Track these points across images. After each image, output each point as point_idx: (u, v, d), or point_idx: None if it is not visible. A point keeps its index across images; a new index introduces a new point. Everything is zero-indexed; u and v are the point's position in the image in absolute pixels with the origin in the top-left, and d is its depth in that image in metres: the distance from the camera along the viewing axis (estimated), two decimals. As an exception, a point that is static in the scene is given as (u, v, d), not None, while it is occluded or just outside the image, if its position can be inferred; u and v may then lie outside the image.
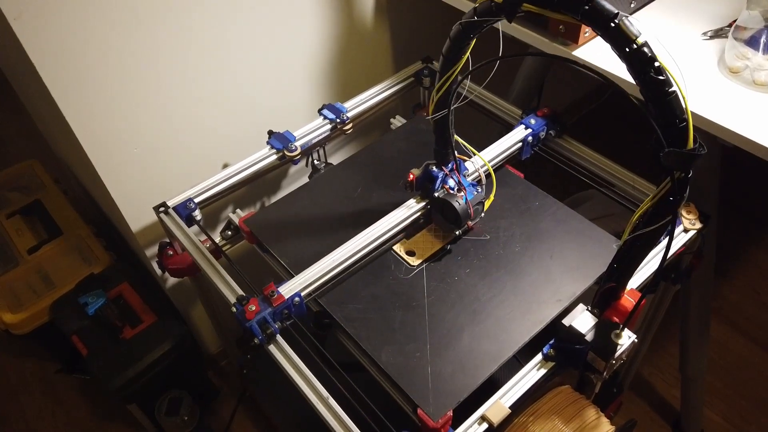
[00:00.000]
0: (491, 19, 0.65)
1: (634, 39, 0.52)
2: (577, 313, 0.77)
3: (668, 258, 0.89)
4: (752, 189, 1.94)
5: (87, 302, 1.29)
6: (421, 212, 0.96)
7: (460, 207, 0.88)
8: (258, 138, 1.16)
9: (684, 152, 0.54)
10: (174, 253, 1.03)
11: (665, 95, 0.53)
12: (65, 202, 1.57)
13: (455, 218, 0.89)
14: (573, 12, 0.55)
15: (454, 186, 0.90)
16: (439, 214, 0.93)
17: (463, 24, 0.69)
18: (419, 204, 0.95)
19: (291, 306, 0.84)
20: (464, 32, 0.70)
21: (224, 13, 1.04)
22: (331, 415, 0.75)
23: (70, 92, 0.94)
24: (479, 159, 0.98)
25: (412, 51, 1.41)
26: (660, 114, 0.54)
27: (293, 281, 0.86)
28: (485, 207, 0.93)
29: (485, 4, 0.64)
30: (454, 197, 0.89)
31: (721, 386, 1.51)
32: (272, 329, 0.81)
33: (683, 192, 0.58)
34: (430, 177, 0.91)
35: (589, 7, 0.54)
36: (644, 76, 0.53)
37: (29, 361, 1.68)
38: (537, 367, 0.78)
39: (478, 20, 0.66)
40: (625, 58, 0.53)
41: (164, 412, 1.34)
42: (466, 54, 0.74)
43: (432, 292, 0.88)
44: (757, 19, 0.82)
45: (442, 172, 0.90)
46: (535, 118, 1.07)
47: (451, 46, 0.73)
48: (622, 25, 0.53)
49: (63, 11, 0.86)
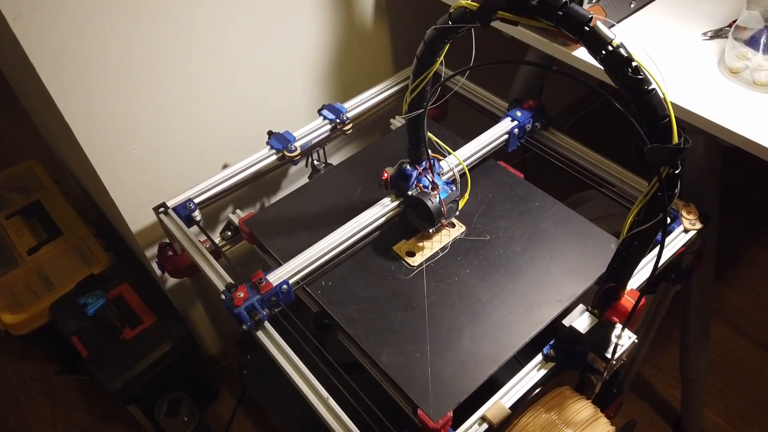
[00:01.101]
0: (465, 26, 0.65)
1: (609, 41, 0.53)
2: (577, 314, 0.77)
3: (669, 258, 0.89)
4: (752, 189, 1.94)
5: (87, 303, 1.29)
6: (395, 211, 0.96)
7: (433, 206, 0.88)
8: (258, 138, 1.15)
9: (667, 147, 0.55)
10: (174, 254, 1.03)
11: (645, 93, 0.53)
12: (65, 202, 1.56)
13: (429, 217, 0.90)
14: (547, 18, 0.56)
15: (428, 185, 0.91)
16: (413, 212, 0.93)
17: (438, 29, 0.69)
18: (393, 202, 0.96)
19: (279, 293, 0.86)
20: (438, 37, 0.70)
21: (224, 13, 1.04)
22: (331, 415, 0.75)
23: (69, 93, 0.94)
24: (454, 158, 0.99)
25: (412, 51, 1.40)
26: (642, 112, 0.54)
27: (281, 269, 0.88)
28: (460, 206, 0.94)
29: (459, 10, 0.64)
30: (427, 196, 0.89)
31: (721, 387, 1.51)
32: (260, 316, 0.83)
33: (674, 188, 0.58)
34: (404, 175, 0.92)
35: (562, 12, 0.54)
36: (622, 77, 0.53)
37: (29, 362, 1.68)
38: (537, 368, 0.77)
39: (452, 26, 0.66)
40: (602, 60, 0.54)
41: (164, 413, 1.34)
42: (440, 58, 0.74)
43: (432, 292, 0.88)
44: (757, 19, 0.82)
45: (416, 170, 0.91)
46: (521, 110, 1.08)
47: (425, 50, 0.73)
48: (596, 28, 0.53)
49: (62, 11, 0.86)
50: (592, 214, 1.10)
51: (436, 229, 0.96)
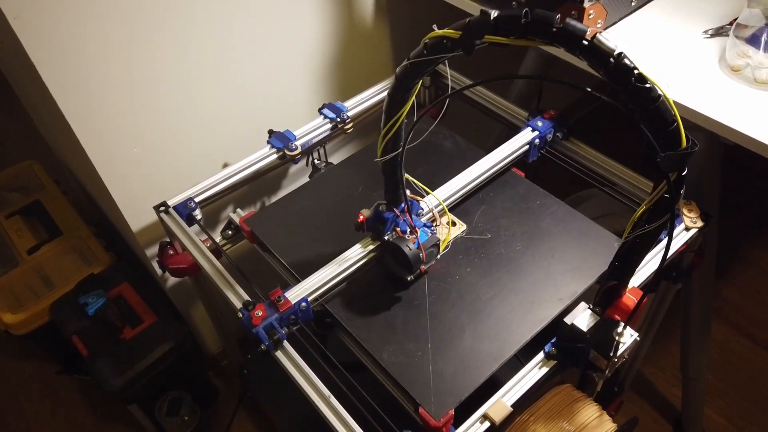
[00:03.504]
0: (446, 56, 0.59)
1: (611, 53, 0.50)
2: (579, 312, 0.77)
3: (669, 257, 0.89)
4: (753, 187, 1.94)
5: (87, 302, 1.29)
6: (372, 255, 0.90)
7: (410, 252, 0.82)
8: (258, 137, 1.15)
9: (679, 153, 0.54)
10: (174, 253, 1.03)
11: (653, 101, 0.51)
12: (65, 202, 1.56)
13: (406, 264, 0.83)
14: (542, 36, 0.52)
15: (406, 228, 0.85)
16: (391, 257, 0.87)
17: (413, 62, 0.62)
18: (369, 246, 0.90)
19: (298, 311, 0.83)
20: (414, 71, 0.62)
21: (225, 12, 1.04)
22: (333, 414, 0.74)
23: (70, 92, 0.94)
24: (433, 198, 0.95)
25: (412, 50, 1.41)
26: (650, 120, 0.52)
27: (300, 286, 0.85)
28: (441, 248, 0.89)
29: (436, 39, 0.58)
30: (404, 242, 0.83)
31: (722, 386, 1.51)
32: (279, 335, 0.80)
33: (680, 190, 0.58)
34: (381, 219, 0.86)
35: (557, 29, 0.50)
36: (628, 87, 0.51)
37: (29, 362, 1.68)
38: (539, 366, 0.77)
39: (429, 58, 0.60)
40: (606, 73, 0.51)
41: (165, 412, 1.34)
42: (413, 95, 0.67)
43: (433, 291, 0.88)
44: (758, 17, 0.82)
45: (393, 213, 0.85)
46: (542, 120, 1.05)
47: (398, 86, 0.66)
48: (596, 41, 0.50)
49: (63, 11, 0.86)
50: (593, 212, 1.10)
51: (436, 230, 0.96)
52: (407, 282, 0.89)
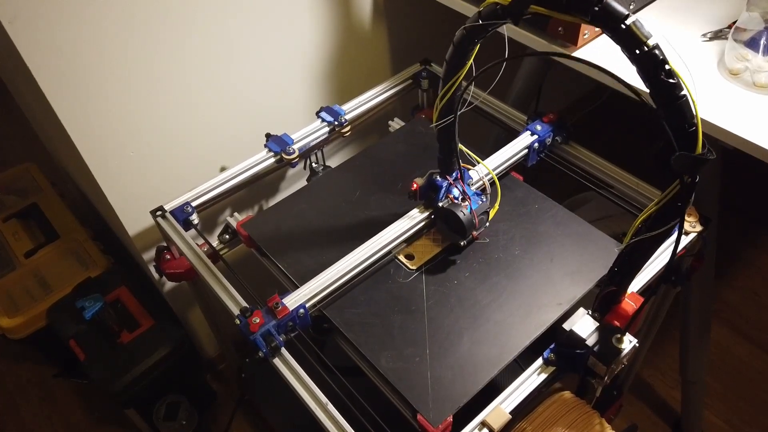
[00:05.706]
0: (497, 23, 0.63)
1: (645, 41, 0.51)
2: (578, 318, 0.76)
3: (670, 260, 0.89)
4: (752, 191, 1.94)
5: (84, 306, 1.28)
6: (425, 222, 0.94)
7: (464, 217, 0.86)
8: (255, 141, 1.15)
9: (695, 156, 0.53)
10: (171, 258, 1.02)
11: (676, 99, 0.51)
12: (62, 205, 1.56)
13: (460, 229, 0.87)
14: (583, 13, 0.53)
15: (459, 195, 0.88)
16: (444, 224, 0.91)
17: (467, 29, 0.66)
18: (423, 214, 0.94)
19: (296, 318, 0.82)
20: (468, 37, 0.67)
21: (221, 15, 1.04)
22: (330, 421, 0.74)
23: (65, 95, 0.93)
24: (483, 167, 0.97)
25: (410, 53, 1.41)
26: (670, 118, 0.52)
27: (298, 292, 0.85)
28: (490, 216, 0.92)
29: (490, 6, 0.62)
30: (458, 207, 0.87)
31: (721, 389, 1.50)
32: (277, 342, 0.79)
33: (689, 196, 0.57)
34: (434, 186, 0.89)
35: (599, 8, 0.52)
36: (655, 80, 0.51)
37: (26, 366, 1.67)
38: (537, 372, 0.77)
39: (483, 24, 0.64)
40: (636, 60, 0.52)
41: (162, 416, 1.34)
42: (470, 60, 0.72)
43: (431, 296, 0.88)
44: (756, 20, 0.82)
45: (446, 181, 0.88)
46: (541, 124, 1.05)
47: (455, 52, 0.70)
48: (633, 26, 0.51)
49: (59, 14, 0.86)
50: (591, 216, 1.09)
51: (435, 233, 0.95)
52: (460, 247, 0.93)
